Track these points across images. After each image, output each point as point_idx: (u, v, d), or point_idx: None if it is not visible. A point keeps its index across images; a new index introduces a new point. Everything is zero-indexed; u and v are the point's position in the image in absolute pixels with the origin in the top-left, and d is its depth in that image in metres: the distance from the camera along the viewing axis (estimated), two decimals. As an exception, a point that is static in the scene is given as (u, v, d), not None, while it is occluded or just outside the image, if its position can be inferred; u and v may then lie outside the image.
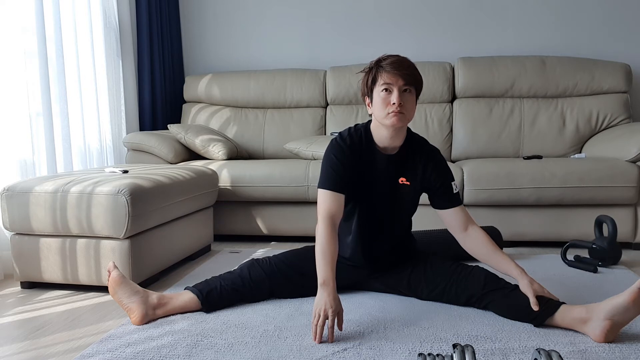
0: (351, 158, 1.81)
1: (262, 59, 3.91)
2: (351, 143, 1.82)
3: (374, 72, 1.76)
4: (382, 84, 1.73)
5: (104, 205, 2.01)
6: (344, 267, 1.94)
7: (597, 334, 1.51)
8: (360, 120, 3.49)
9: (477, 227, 1.86)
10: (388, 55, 1.77)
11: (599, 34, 3.59)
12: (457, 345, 1.25)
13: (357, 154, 1.82)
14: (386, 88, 1.72)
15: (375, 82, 1.75)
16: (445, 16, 3.72)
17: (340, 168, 1.79)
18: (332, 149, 1.83)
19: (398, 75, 1.71)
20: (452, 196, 1.87)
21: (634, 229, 2.71)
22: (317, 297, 1.60)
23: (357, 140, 1.83)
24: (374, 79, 1.76)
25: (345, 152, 1.81)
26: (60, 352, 1.55)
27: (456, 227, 1.87)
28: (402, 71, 1.71)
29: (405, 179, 1.86)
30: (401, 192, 1.86)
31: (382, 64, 1.74)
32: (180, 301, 1.80)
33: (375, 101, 1.77)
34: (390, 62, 1.73)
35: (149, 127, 3.62)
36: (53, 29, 2.71)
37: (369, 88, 1.79)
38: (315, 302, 1.60)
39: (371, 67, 1.78)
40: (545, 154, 3.26)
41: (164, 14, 3.70)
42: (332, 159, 1.81)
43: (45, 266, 2.12)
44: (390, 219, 1.91)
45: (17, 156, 2.49)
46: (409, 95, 1.74)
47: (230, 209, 3.00)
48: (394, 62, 1.72)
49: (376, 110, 1.77)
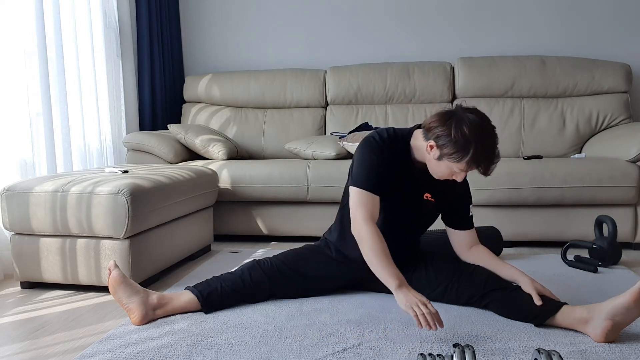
0: (387, 161, 1.76)
1: (262, 59, 3.91)
2: (390, 145, 1.76)
3: (464, 161, 1.59)
4: (460, 168, 1.61)
5: (104, 205, 2.01)
6: (346, 267, 1.94)
7: (597, 334, 1.51)
8: (360, 120, 3.50)
9: (480, 246, 1.89)
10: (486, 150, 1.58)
11: (599, 34, 3.59)
12: (457, 345, 1.25)
13: (392, 160, 1.77)
14: (461, 171, 1.63)
15: (459, 162, 1.60)
16: (445, 16, 3.72)
17: (379, 169, 1.74)
18: (371, 147, 1.76)
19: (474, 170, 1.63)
20: (467, 219, 1.89)
21: (634, 229, 2.71)
22: (401, 297, 1.54)
23: (394, 143, 1.77)
24: (459, 160, 1.60)
25: (384, 153, 1.75)
26: (60, 352, 1.55)
27: (461, 246, 1.90)
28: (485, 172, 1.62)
29: (431, 196, 1.84)
30: (424, 207, 1.85)
31: (478, 163, 1.59)
32: (180, 302, 1.80)
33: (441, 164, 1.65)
34: (486, 167, 1.60)
35: (149, 127, 3.62)
36: (53, 29, 2.71)
37: (444, 155, 1.62)
38: (401, 302, 1.54)
39: (465, 150, 1.57)
40: (545, 154, 3.26)
41: (164, 14, 3.70)
42: (372, 158, 1.74)
43: (45, 266, 2.12)
44: (406, 231, 1.90)
45: (17, 156, 2.49)
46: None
47: (230, 209, 3.00)
48: (487, 167, 1.60)
49: (434, 166, 1.68)
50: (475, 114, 1.61)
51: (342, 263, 1.94)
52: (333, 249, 1.96)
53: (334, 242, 1.96)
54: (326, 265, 1.95)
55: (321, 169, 2.85)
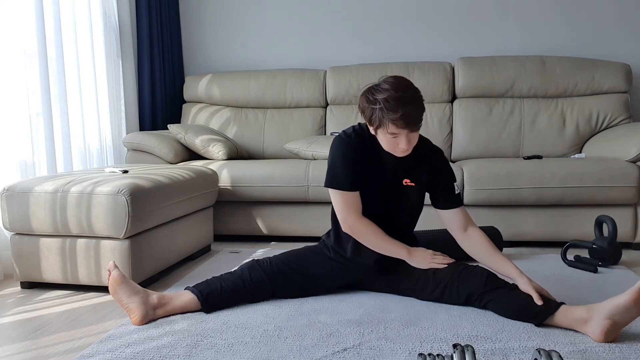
0: (358, 154, 1.80)
1: (262, 59, 3.91)
2: (357, 140, 1.81)
3: (377, 121, 1.67)
4: (387, 133, 1.67)
5: (104, 205, 2.01)
6: (345, 267, 1.94)
7: (597, 334, 1.51)
8: (360, 120, 3.49)
9: (476, 228, 1.87)
10: (390, 96, 1.62)
11: (599, 34, 3.59)
12: (457, 345, 1.25)
13: (363, 152, 1.81)
14: (393, 135, 1.68)
15: (380, 127, 1.68)
16: (445, 16, 3.72)
17: (351, 166, 1.79)
18: (339, 146, 1.81)
19: (404, 127, 1.64)
20: (454, 197, 1.88)
21: (634, 229, 2.71)
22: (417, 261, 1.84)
23: (362, 137, 1.82)
24: (379, 125, 1.68)
25: (353, 148, 1.80)
26: (60, 352, 1.55)
27: (456, 227, 1.88)
28: (409, 124, 1.64)
29: (410, 180, 1.86)
30: (406, 193, 1.87)
31: (387, 117, 1.63)
32: (180, 302, 1.80)
33: (380, 137, 1.73)
34: (397, 115, 1.61)
35: (149, 127, 3.62)
36: (53, 29, 2.71)
37: (372, 126, 1.72)
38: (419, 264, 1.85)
39: (373, 110, 1.66)
40: (545, 154, 3.26)
41: (164, 14, 3.70)
42: (341, 157, 1.79)
43: (45, 266, 2.12)
44: (394, 220, 1.91)
45: (17, 156, 2.49)
46: (415, 132, 1.70)
47: (230, 209, 3.00)
48: (402, 117, 1.62)
49: (381, 141, 1.74)
50: (390, 77, 1.70)
51: (341, 264, 1.95)
52: (331, 251, 1.96)
53: (331, 244, 1.96)
54: (326, 266, 1.95)
55: (321, 169, 2.85)
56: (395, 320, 1.72)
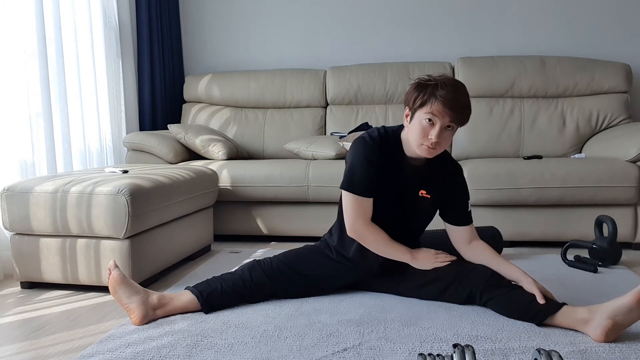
0: (380, 160, 1.78)
1: (262, 59, 3.91)
2: (382, 145, 1.78)
3: (426, 96, 1.65)
4: (428, 112, 1.64)
5: (104, 205, 2.01)
6: (346, 268, 1.94)
7: (597, 334, 1.51)
8: (360, 120, 3.50)
9: (480, 241, 1.88)
10: (448, 82, 1.65)
11: (599, 34, 3.59)
12: (457, 345, 1.25)
13: (384, 157, 1.79)
14: (430, 119, 1.65)
15: (424, 106, 1.66)
16: (445, 16, 3.72)
17: (371, 171, 1.76)
18: (363, 148, 1.78)
19: (448, 114, 1.63)
20: (466, 215, 1.89)
21: (634, 229, 2.70)
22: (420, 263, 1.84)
23: (385, 142, 1.79)
24: (424, 102, 1.65)
25: (376, 153, 1.77)
26: (60, 352, 1.55)
27: (461, 242, 1.90)
28: (455, 112, 1.63)
29: (426, 192, 1.85)
30: (420, 204, 1.86)
31: (438, 94, 1.63)
32: (180, 302, 1.80)
33: (414, 124, 1.70)
34: (447, 96, 1.62)
35: (149, 127, 3.62)
36: (53, 29, 2.71)
37: (413, 107, 1.69)
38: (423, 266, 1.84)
39: (426, 87, 1.66)
40: (545, 154, 3.25)
41: (164, 14, 3.70)
42: (364, 161, 1.76)
43: (45, 266, 2.12)
44: (404, 229, 1.90)
45: (17, 156, 2.49)
46: (449, 132, 1.68)
47: (230, 209, 3.00)
48: (451, 99, 1.62)
49: (412, 133, 1.71)
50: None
51: (342, 264, 1.94)
52: (333, 251, 1.96)
53: (334, 245, 1.96)
54: (326, 266, 1.95)
55: (321, 169, 2.85)
56: (395, 320, 1.71)
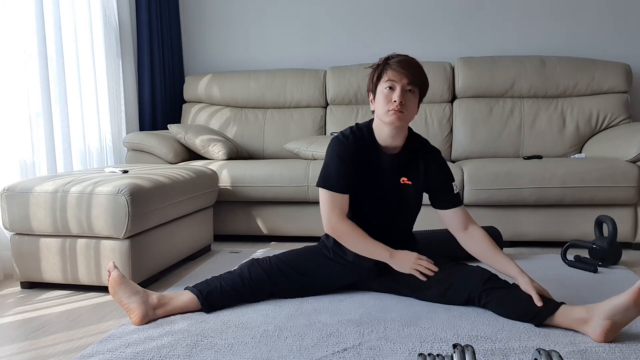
0: (354, 156, 1.82)
1: (262, 59, 3.91)
2: (354, 141, 1.83)
3: (381, 69, 1.79)
4: (386, 81, 1.76)
5: (104, 205, 2.01)
6: (344, 268, 1.94)
7: (597, 334, 1.51)
8: (361, 120, 3.49)
9: (477, 227, 1.87)
10: (397, 54, 1.80)
11: (599, 34, 3.59)
12: (457, 345, 1.25)
13: (360, 152, 1.83)
14: (390, 86, 1.75)
15: (380, 78, 1.78)
16: (445, 16, 3.72)
17: (345, 168, 1.82)
18: (336, 147, 1.84)
19: (403, 74, 1.74)
20: (453, 197, 1.89)
21: (634, 229, 2.71)
22: (398, 263, 1.83)
23: (359, 138, 1.85)
24: (380, 75, 1.79)
25: (349, 150, 1.82)
26: (60, 352, 1.55)
27: (456, 227, 1.89)
28: (408, 70, 1.74)
29: (407, 179, 1.87)
30: (403, 192, 1.88)
31: (390, 62, 1.77)
32: (180, 301, 1.80)
33: (377, 97, 1.80)
34: (398, 60, 1.76)
35: (149, 127, 3.62)
36: (53, 29, 2.71)
37: (374, 84, 1.81)
38: (401, 267, 1.83)
39: (379, 64, 1.81)
40: (545, 154, 3.25)
41: (164, 14, 3.70)
42: (336, 158, 1.82)
43: (45, 266, 2.12)
44: (392, 219, 1.91)
45: (17, 156, 2.49)
46: (411, 96, 1.77)
47: (230, 209, 3.00)
48: (401, 61, 1.75)
49: (378, 107, 1.79)
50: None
51: (341, 264, 1.95)
52: (331, 252, 1.96)
53: (331, 246, 1.96)
54: (326, 266, 1.96)
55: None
56: (395, 320, 1.71)
